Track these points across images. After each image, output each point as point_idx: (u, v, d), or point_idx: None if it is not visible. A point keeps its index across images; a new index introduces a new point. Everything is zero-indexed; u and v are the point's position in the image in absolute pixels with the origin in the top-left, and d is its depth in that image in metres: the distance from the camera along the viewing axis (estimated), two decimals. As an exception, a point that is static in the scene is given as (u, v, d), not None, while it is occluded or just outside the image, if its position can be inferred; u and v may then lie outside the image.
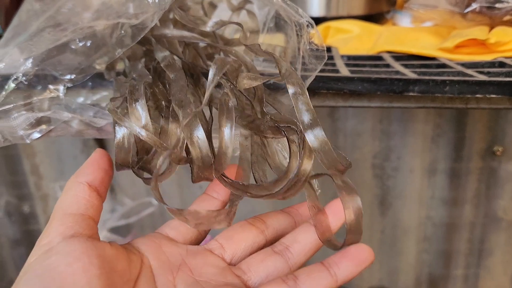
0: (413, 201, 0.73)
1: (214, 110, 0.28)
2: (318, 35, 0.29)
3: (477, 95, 0.30)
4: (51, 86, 0.29)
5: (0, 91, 0.29)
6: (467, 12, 0.41)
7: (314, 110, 0.23)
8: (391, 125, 0.68)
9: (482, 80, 0.30)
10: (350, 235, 0.23)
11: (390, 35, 0.45)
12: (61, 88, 0.30)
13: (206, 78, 0.28)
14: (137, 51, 0.33)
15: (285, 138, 0.23)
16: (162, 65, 0.28)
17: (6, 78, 0.29)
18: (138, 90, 0.24)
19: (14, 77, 0.29)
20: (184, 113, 0.22)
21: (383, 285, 0.79)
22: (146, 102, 0.24)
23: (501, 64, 0.37)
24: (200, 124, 0.22)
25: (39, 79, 0.29)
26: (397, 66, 0.37)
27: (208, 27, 0.31)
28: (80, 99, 0.34)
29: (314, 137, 0.22)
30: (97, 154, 0.25)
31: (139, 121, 0.23)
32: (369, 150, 0.70)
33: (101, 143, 0.73)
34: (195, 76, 0.30)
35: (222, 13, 0.39)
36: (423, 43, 0.43)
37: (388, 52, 0.43)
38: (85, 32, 0.30)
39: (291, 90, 0.23)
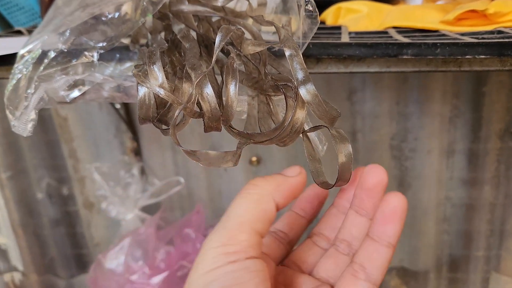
0: (431, 182, 0.74)
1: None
2: (313, 3, 0.32)
3: (467, 56, 0.33)
4: (86, 53, 0.34)
5: (43, 58, 0.34)
6: (470, -14, 0.43)
7: (306, 69, 0.26)
8: (408, 107, 0.70)
9: (471, 42, 0.33)
10: (341, 174, 0.26)
11: (398, 12, 0.47)
12: (95, 54, 0.34)
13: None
14: (157, 26, 0.37)
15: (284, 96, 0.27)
16: (178, 36, 0.32)
17: (49, 47, 0.34)
18: (155, 54, 0.27)
19: (55, 46, 0.33)
20: (196, 74, 0.26)
21: (403, 265, 0.81)
22: (164, 68, 0.28)
23: (500, 33, 0.39)
24: (209, 83, 0.26)
25: (76, 48, 0.34)
26: (398, 37, 0.40)
27: (219, 2, 0.35)
28: (110, 69, 0.38)
29: (306, 91, 0.25)
30: (299, 180, 0.27)
31: (156, 81, 0.26)
32: (387, 132, 0.72)
33: (132, 127, 0.78)
34: (209, 46, 0.33)
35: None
36: (429, 18, 0.45)
37: (395, 27, 0.46)
38: (112, 7, 0.34)
39: (287, 52, 0.26)
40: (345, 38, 0.40)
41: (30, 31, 0.55)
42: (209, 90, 0.26)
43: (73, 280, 0.91)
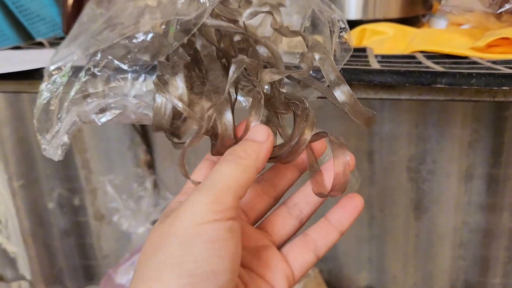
0: (449, 206, 0.73)
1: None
2: (347, 30, 0.32)
3: (504, 87, 0.32)
4: (119, 76, 0.33)
5: (74, 81, 0.33)
6: (501, 12, 0.43)
7: (338, 70, 0.26)
8: (427, 129, 0.69)
9: (509, 73, 0.32)
10: (336, 183, 0.26)
11: (424, 36, 0.47)
12: (128, 77, 0.33)
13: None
14: (179, 38, 0.36)
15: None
16: (202, 54, 0.32)
17: (77, 68, 0.34)
18: (179, 65, 0.27)
19: (86, 67, 0.33)
20: (218, 97, 0.26)
21: (418, 290, 0.79)
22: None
23: (533, 62, 0.38)
24: (230, 109, 0.25)
25: (108, 69, 0.34)
26: (428, 63, 0.39)
27: (243, 17, 0.34)
28: (133, 93, 0.38)
29: (341, 92, 0.25)
30: (270, 146, 0.27)
31: (177, 91, 0.26)
32: (405, 154, 0.71)
33: (146, 140, 0.78)
34: (227, 65, 0.33)
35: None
36: (456, 43, 0.45)
37: (422, 52, 0.45)
38: (144, 29, 0.34)
39: (317, 56, 0.26)
40: (373, 62, 0.39)
41: (51, 43, 0.55)
42: (229, 117, 0.25)
43: (81, 291, 0.90)
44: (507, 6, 0.41)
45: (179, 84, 0.26)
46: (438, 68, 0.36)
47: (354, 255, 0.79)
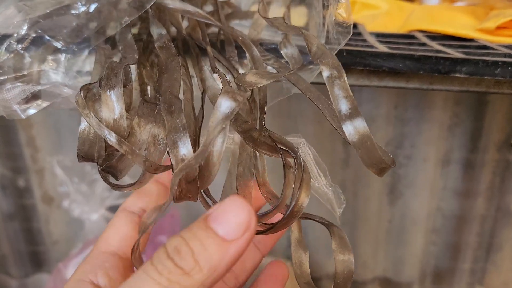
0: (424, 191, 0.70)
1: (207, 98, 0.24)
2: (348, 6, 0.26)
3: (531, 80, 0.27)
4: (50, 57, 0.26)
5: None
6: (510, -10, 0.38)
7: (353, 97, 0.20)
8: (407, 111, 0.65)
9: (539, 63, 0.27)
10: (337, 281, 0.20)
11: (423, 13, 0.41)
12: (62, 58, 0.26)
13: (204, 54, 0.25)
14: (132, 14, 0.29)
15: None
16: (156, 45, 0.24)
17: (1, 36, 0.26)
18: (117, 75, 0.20)
19: (7, 43, 0.25)
20: (172, 121, 0.18)
21: (387, 276, 0.77)
22: (130, 84, 0.21)
23: (548, 48, 0.34)
24: (188, 140, 0.18)
25: (36, 47, 0.26)
26: (434, 45, 0.34)
27: None
28: (76, 68, 0.30)
29: (354, 129, 0.19)
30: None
31: (111, 113, 0.19)
32: (382, 136, 0.67)
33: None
34: (194, 54, 0.26)
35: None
36: (459, 23, 0.40)
37: (421, 31, 0.40)
38: None
39: (326, 73, 0.19)
40: (374, 42, 0.34)
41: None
42: (186, 151, 0.18)
43: (27, 279, 0.83)
44: (519, -17, 0.37)
45: (114, 104, 0.18)
46: (453, 52, 0.30)
47: (324, 241, 0.76)
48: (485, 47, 0.35)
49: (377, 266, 0.77)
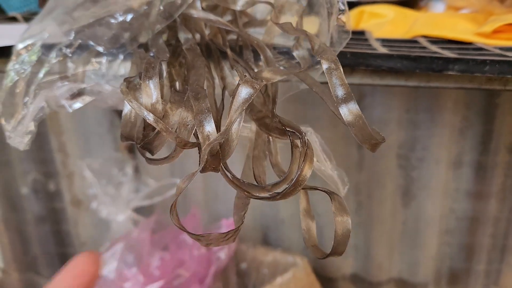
0: (437, 193, 0.72)
1: (226, 94, 0.28)
2: (347, 13, 0.29)
3: (518, 76, 0.30)
4: (93, 59, 0.30)
5: (43, 61, 0.30)
6: (507, -3, 0.41)
7: (348, 85, 0.23)
8: (418, 115, 0.67)
9: (525, 61, 0.30)
10: (335, 248, 0.23)
11: (426, 20, 0.44)
12: (104, 61, 0.30)
13: (224, 57, 0.28)
14: (161, 23, 0.33)
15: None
16: (184, 47, 0.28)
17: (50, 46, 0.30)
18: (154, 68, 0.23)
19: (57, 48, 0.29)
20: (198, 106, 0.22)
21: (402, 277, 0.79)
22: (161, 80, 0.24)
23: (541, 49, 0.37)
24: (212, 121, 0.22)
25: (81, 51, 0.30)
26: (434, 48, 0.37)
27: (238, 6, 0.31)
28: (112, 72, 0.34)
29: (348, 111, 0.22)
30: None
31: (150, 98, 0.22)
32: (394, 140, 0.70)
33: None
34: (216, 57, 0.29)
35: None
36: (460, 28, 0.43)
37: (424, 36, 0.43)
38: (124, 8, 0.30)
39: (325, 65, 0.23)
40: (378, 46, 0.37)
41: (26, 18, 0.51)
42: (211, 129, 0.21)
43: (57, 279, 0.87)
44: (514, -10, 0.39)
45: (152, 91, 0.22)
46: (448, 53, 0.34)
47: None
48: (480, 49, 0.37)
49: (392, 267, 0.79)
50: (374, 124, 0.68)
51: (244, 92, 0.20)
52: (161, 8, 0.27)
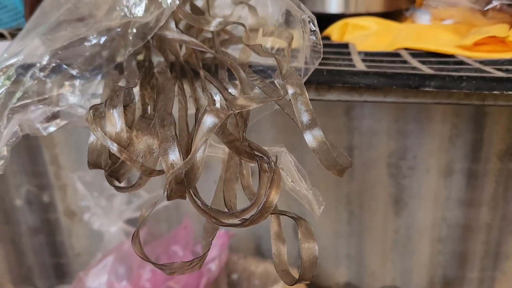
0: (428, 202, 0.72)
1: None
2: (318, 33, 0.29)
3: (495, 92, 0.30)
4: (67, 82, 0.30)
5: (19, 84, 0.30)
6: (488, 9, 0.41)
7: (313, 110, 0.23)
8: (407, 125, 0.68)
9: (500, 77, 0.30)
10: (303, 274, 0.23)
11: (409, 32, 0.45)
12: (77, 83, 0.30)
13: (199, 77, 0.29)
14: (136, 43, 0.33)
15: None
16: (155, 70, 0.28)
17: (26, 67, 0.30)
18: (118, 96, 0.24)
19: (32, 71, 0.30)
20: (163, 133, 0.22)
21: (396, 285, 0.79)
22: (133, 103, 0.24)
23: (521, 62, 0.37)
24: (177, 149, 0.22)
25: (56, 74, 0.30)
26: (414, 62, 0.37)
27: (212, 27, 0.31)
28: (90, 91, 0.34)
29: (312, 137, 0.22)
30: None
31: (114, 127, 0.23)
32: (384, 149, 0.70)
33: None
34: (189, 77, 0.30)
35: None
36: (442, 40, 0.43)
37: (406, 49, 0.43)
38: (99, 30, 0.30)
39: (290, 90, 0.23)
40: (357, 61, 0.37)
41: (12, 34, 0.51)
42: (175, 157, 0.21)
43: (51, 291, 0.87)
44: (494, 3, 0.40)
45: (116, 120, 0.22)
46: (425, 68, 0.34)
47: (332, 251, 0.78)
48: (461, 62, 0.38)
49: (385, 276, 0.78)
50: (363, 134, 0.68)
51: (208, 121, 0.20)
52: (134, 30, 0.27)
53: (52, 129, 0.27)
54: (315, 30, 0.27)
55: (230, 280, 0.67)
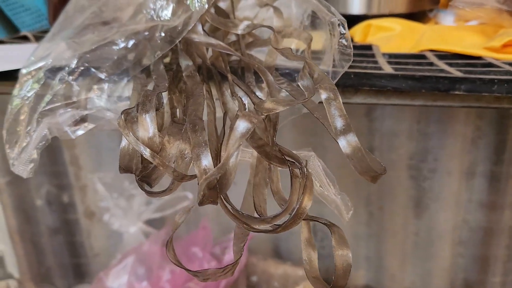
0: (449, 204, 0.71)
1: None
2: (348, 36, 0.29)
3: (527, 95, 0.30)
4: (95, 86, 0.30)
5: (47, 87, 0.30)
6: (516, 10, 0.40)
7: (347, 116, 0.23)
8: (429, 126, 0.67)
9: (533, 80, 0.29)
10: (336, 282, 0.23)
11: (434, 33, 0.44)
12: (105, 87, 0.30)
13: (226, 80, 0.28)
14: (164, 47, 0.33)
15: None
16: (183, 74, 0.28)
17: (54, 70, 0.30)
18: (150, 101, 0.23)
19: (60, 75, 0.30)
20: (195, 139, 0.22)
21: (416, 289, 0.78)
22: (162, 107, 0.24)
23: (551, 64, 0.36)
24: (209, 154, 0.21)
25: (84, 78, 0.30)
26: (441, 64, 0.37)
27: (239, 30, 0.31)
28: (116, 94, 0.34)
29: (347, 143, 0.22)
30: None
31: (146, 132, 0.23)
32: (405, 151, 0.69)
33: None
34: (217, 81, 0.29)
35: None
36: (468, 42, 0.42)
37: (431, 50, 0.42)
38: (127, 33, 0.30)
39: (323, 95, 0.23)
40: (383, 63, 0.36)
41: (36, 37, 0.52)
42: (207, 162, 0.21)
43: (71, 290, 0.88)
44: (523, 3, 0.39)
45: (149, 125, 0.22)
46: (454, 71, 0.33)
47: (352, 253, 0.77)
48: (489, 64, 0.37)
49: (405, 279, 0.78)
50: (384, 135, 0.68)
51: (241, 126, 0.20)
52: (162, 34, 0.27)
53: (80, 132, 0.27)
54: (344, 33, 0.27)
55: (249, 282, 0.67)
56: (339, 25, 0.27)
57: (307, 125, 0.69)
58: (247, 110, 0.24)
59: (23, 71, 0.29)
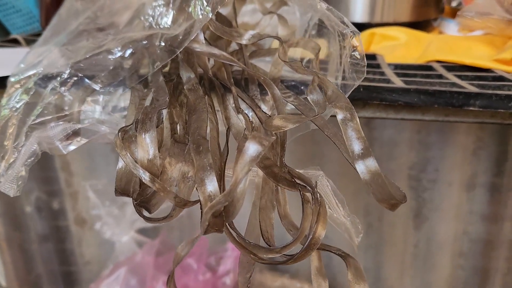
0: (449, 215, 0.70)
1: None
2: (362, 49, 0.27)
3: (544, 112, 0.28)
4: (89, 98, 0.28)
5: (37, 97, 0.28)
6: (526, 21, 0.39)
7: (365, 138, 0.21)
8: (430, 136, 0.65)
9: (551, 97, 0.28)
10: None
11: (441, 43, 0.43)
12: (100, 99, 0.28)
13: (229, 92, 0.27)
14: (163, 57, 0.31)
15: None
16: (185, 87, 0.26)
17: (45, 80, 0.28)
18: (151, 120, 0.22)
19: (52, 85, 0.28)
20: (200, 161, 0.20)
21: (414, 301, 0.76)
22: (162, 122, 0.23)
23: None
24: (215, 179, 0.20)
25: (77, 88, 0.28)
26: (450, 77, 0.35)
27: (244, 40, 0.29)
28: (111, 104, 0.32)
29: (365, 168, 0.20)
30: None
31: (146, 154, 0.21)
32: (405, 161, 0.68)
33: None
34: (219, 93, 0.28)
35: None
36: (476, 53, 0.41)
37: (438, 61, 0.41)
38: (124, 42, 0.28)
39: (339, 115, 0.21)
40: (391, 75, 0.35)
41: (27, 40, 0.50)
42: (213, 188, 0.19)
43: (60, 299, 0.85)
44: (534, 14, 0.38)
45: (149, 146, 0.20)
46: (466, 85, 0.32)
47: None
48: (501, 78, 0.36)
49: (404, 291, 0.76)
50: (384, 145, 0.66)
51: (251, 149, 0.18)
52: (162, 43, 0.25)
53: (72, 147, 0.25)
54: (357, 45, 0.25)
55: (245, 294, 0.65)
56: (351, 37, 0.25)
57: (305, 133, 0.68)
58: (253, 126, 0.22)
59: (12, 79, 0.27)
